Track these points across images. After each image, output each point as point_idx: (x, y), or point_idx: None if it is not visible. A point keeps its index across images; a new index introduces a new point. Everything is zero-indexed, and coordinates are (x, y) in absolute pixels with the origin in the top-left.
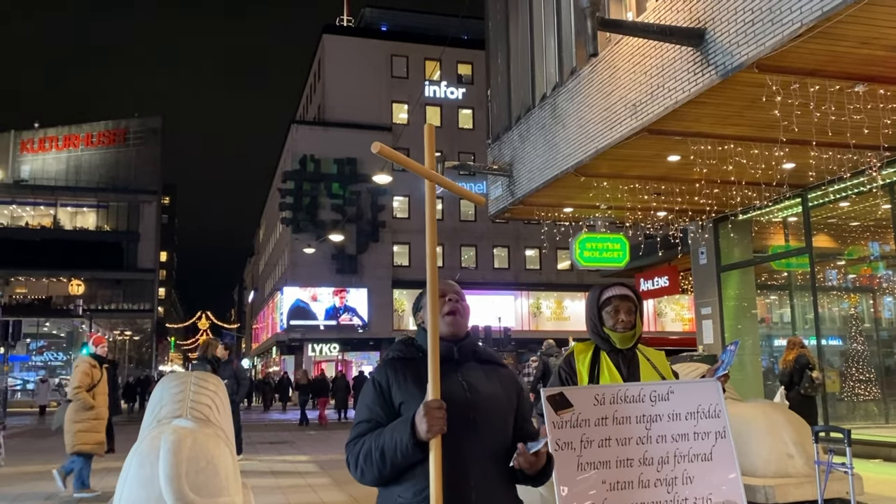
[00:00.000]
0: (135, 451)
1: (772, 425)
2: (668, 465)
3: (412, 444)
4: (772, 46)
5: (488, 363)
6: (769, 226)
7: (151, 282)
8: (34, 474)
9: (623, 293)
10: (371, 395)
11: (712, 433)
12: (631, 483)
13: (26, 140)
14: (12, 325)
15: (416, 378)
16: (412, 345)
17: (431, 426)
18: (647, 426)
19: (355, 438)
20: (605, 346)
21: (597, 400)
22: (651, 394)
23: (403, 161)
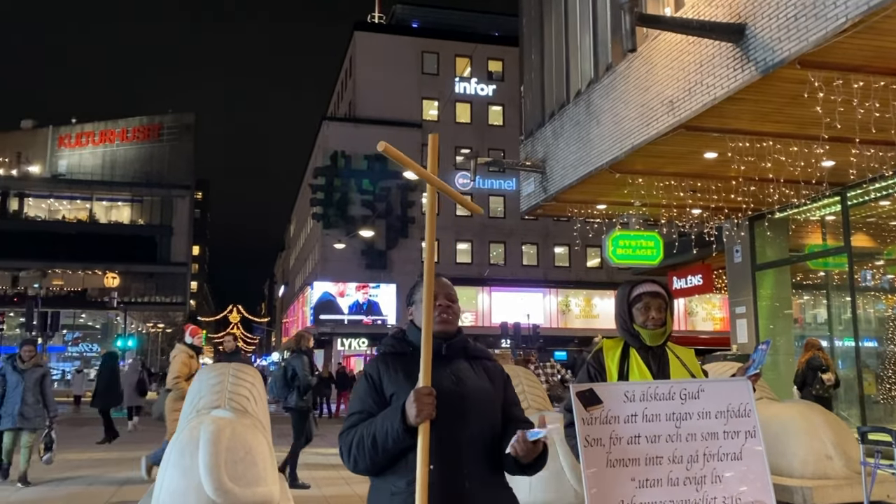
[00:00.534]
0: (175, 440)
1: (810, 426)
2: (698, 464)
3: (402, 430)
4: (815, 42)
5: (476, 358)
6: (807, 224)
7: (184, 275)
8: (97, 461)
9: (654, 290)
10: (364, 387)
11: (742, 432)
12: (660, 481)
13: (64, 135)
14: (50, 317)
15: (407, 372)
16: (403, 339)
17: (420, 411)
18: (677, 424)
19: (348, 429)
20: (634, 343)
21: (626, 397)
22: (681, 392)
23: (407, 163)
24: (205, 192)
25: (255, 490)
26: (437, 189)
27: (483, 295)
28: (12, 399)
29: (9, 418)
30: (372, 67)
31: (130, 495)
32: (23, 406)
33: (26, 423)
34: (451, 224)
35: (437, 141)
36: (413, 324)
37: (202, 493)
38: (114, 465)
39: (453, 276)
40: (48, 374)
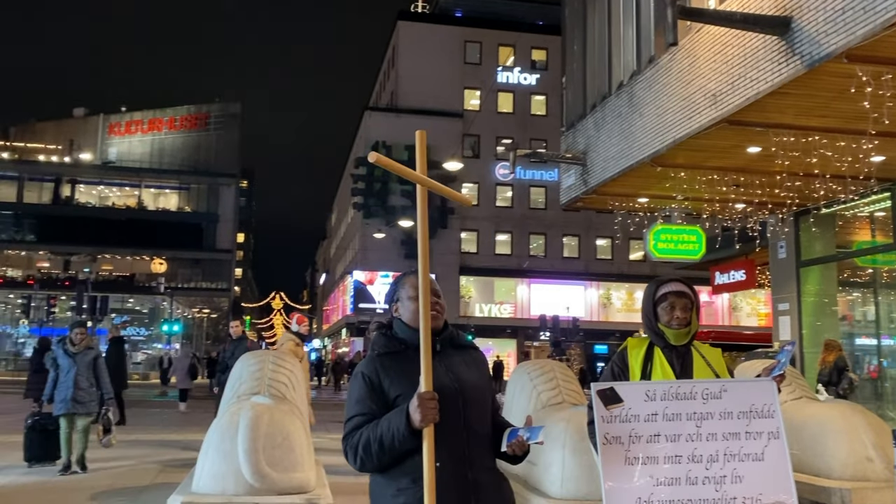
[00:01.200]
0: (216, 425)
1: (850, 426)
2: (718, 464)
3: (408, 433)
4: (863, 35)
5: (462, 348)
6: (854, 220)
7: (229, 262)
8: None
9: (680, 290)
10: (363, 389)
11: (765, 433)
12: (678, 479)
13: (114, 123)
14: (100, 301)
15: (406, 372)
16: (394, 337)
17: (425, 416)
18: (698, 424)
19: (352, 431)
20: (659, 342)
21: (647, 396)
22: (703, 391)
23: (397, 168)
24: (250, 181)
25: (292, 475)
26: (430, 189)
27: (522, 287)
28: (65, 384)
29: (62, 404)
30: (415, 57)
31: (174, 477)
32: (76, 391)
33: (80, 408)
34: (491, 215)
35: (424, 138)
36: (401, 321)
37: (241, 476)
38: (158, 446)
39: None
40: (101, 356)
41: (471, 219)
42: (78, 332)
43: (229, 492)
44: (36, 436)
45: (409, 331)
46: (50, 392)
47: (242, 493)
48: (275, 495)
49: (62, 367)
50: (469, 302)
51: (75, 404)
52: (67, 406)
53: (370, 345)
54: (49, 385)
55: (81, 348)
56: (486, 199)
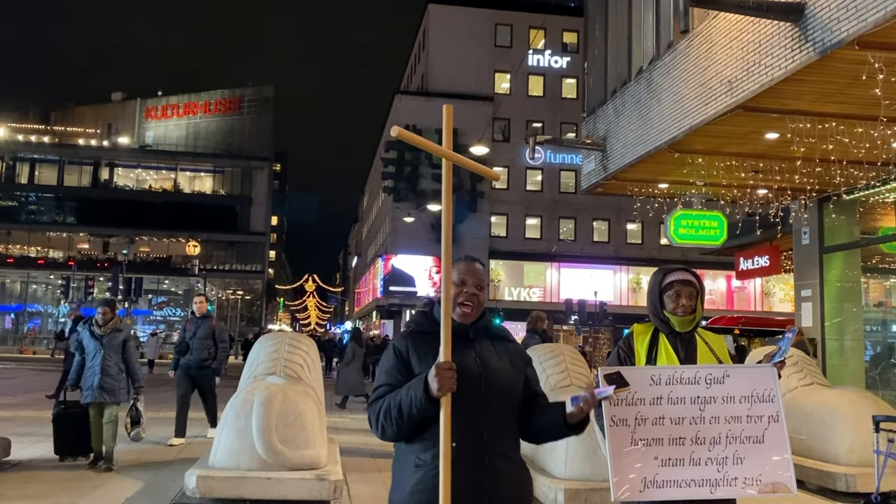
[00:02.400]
0: (231, 403)
1: (857, 413)
2: (720, 446)
3: (425, 399)
4: (874, 22)
5: (498, 339)
6: (879, 206)
7: (263, 244)
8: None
9: (685, 278)
10: (392, 361)
11: (765, 417)
12: (682, 461)
13: (150, 108)
14: (134, 282)
15: (433, 352)
16: (431, 318)
17: (442, 384)
18: (701, 407)
19: (376, 399)
20: (664, 329)
21: (653, 380)
22: (707, 376)
23: (421, 142)
24: (283, 164)
25: (304, 452)
26: (455, 162)
27: (551, 271)
28: (91, 369)
29: (89, 392)
30: (445, 40)
31: (196, 451)
32: (103, 377)
33: (108, 397)
34: (520, 199)
35: (451, 113)
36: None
37: (255, 453)
38: None
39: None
40: (131, 339)
41: (501, 203)
42: (104, 312)
43: (243, 467)
44: (65, 427)
45: None
46: (76, 378)
47: (256, 469)
48: (287, 470)
49: (88, 351)
50: (498, 286)
51: (102, 392)
52: (94, 394)
53: (409, 321)
54: (74, 369)
55: (108, 329)
56: (517, 183)
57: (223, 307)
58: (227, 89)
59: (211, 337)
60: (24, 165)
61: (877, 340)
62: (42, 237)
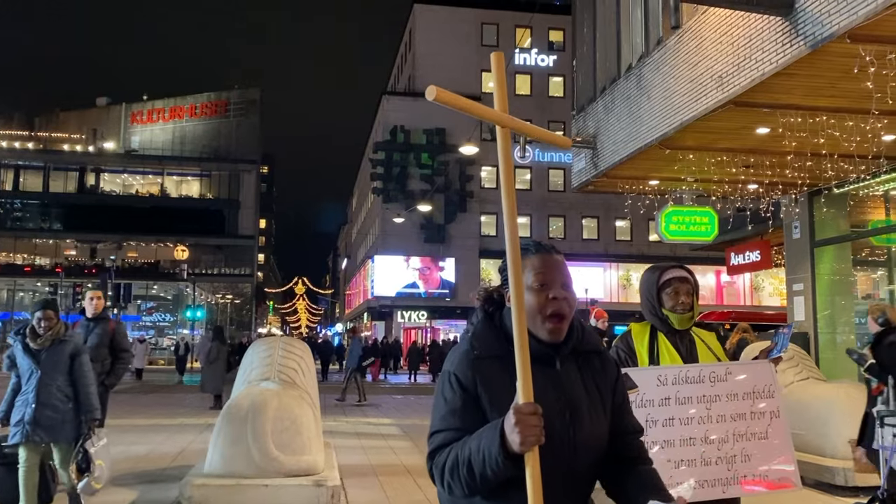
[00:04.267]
0: (226, 409)
1: (855, 407)
2: (728, 444)
3: (503, 458)
4: (865, 15)
5: (585, 354)
6: (868, 200)
7: (251, 248)
8: (163, 426)
9: (683, 275)
10: (454, 399)
11: (767, 413)
12: (694, 461)
13: (136, 112)
14: (123, 288)
15: (508, 383)
16: (499, 330)
17: (526, 437)
18: (708, 406)
19: (438, 449)
20: (662, 328)
21: (660, 381)
22: (710, 375)
23: (467, 106)
24: (270, 167)
25: (300, 458)
26: (514, 130)
27: None
28: (24, 397)
29: (17, 429)
30: (431, 40)
31: (191, 458)
32: (39, 408)
33: (46, 436)
34: None
35: (502, 62)
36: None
37: (250, 459)
38: (177, 430)
39: None
40: (82, 353)
41: (490, 202)
42: (45, 318)
43: (239, 474)
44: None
45: None
46: (6, 408)
47: (252, 476)
48: (283, 477)
49: (21, 372)
50: (489, 285)
51: (37, 429)
52: (24, 431)
53: (470, 335)
54: (6, 397)
55: (47, 341)
56: None
57: (213, 311)
58: (213, 92)
59: (107, 345)
60: (9, 172)
61: (869, 333)
62: (28, 244)
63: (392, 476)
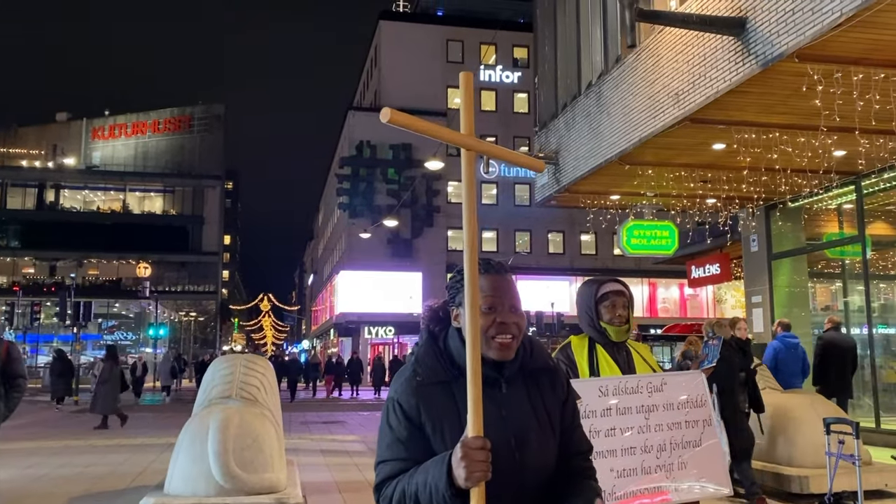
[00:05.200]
0: (186, 428)
1: (809, 416)
2: (666, 452)
3: (451, 494)
4: (812, 36)
5: (533, 372)
6: (822, 213)
7: (215, 264)
8: (123, 446)
9: (619, 289)
10: (398, 428)
11: (700, 421)
12: (635, 470)
13: (97, 127)
14: (83, 307)
15: (455, 411)
16: (447, 358)
17: (472, 472)
18: (646, 416)
19: (384, 481)
20: (600, 340)
21: (601, 392)
22: (647, 385)
23: (424, 128)
24: (235, 182)
25: (262, 476)
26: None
27: None
28: None
29: None
30: (397, 56)
31: (151, 478)
32: None
33: None
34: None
35: (470, 82)
36: (459, 334)
37: (211, 478)
38: (137, 450)
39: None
40: None
41: (457, 217)
42: None
43: (200, 493)
44: None
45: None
46: None
47: (213, 495)
48: (245, 495)
49: None
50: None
51: None
52: None
53: (413, 361)
54: None
55: None
56: None
57: (176, 329)
58: (176, 108)
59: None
60: None
61: None
62: None
63: (356, 493)
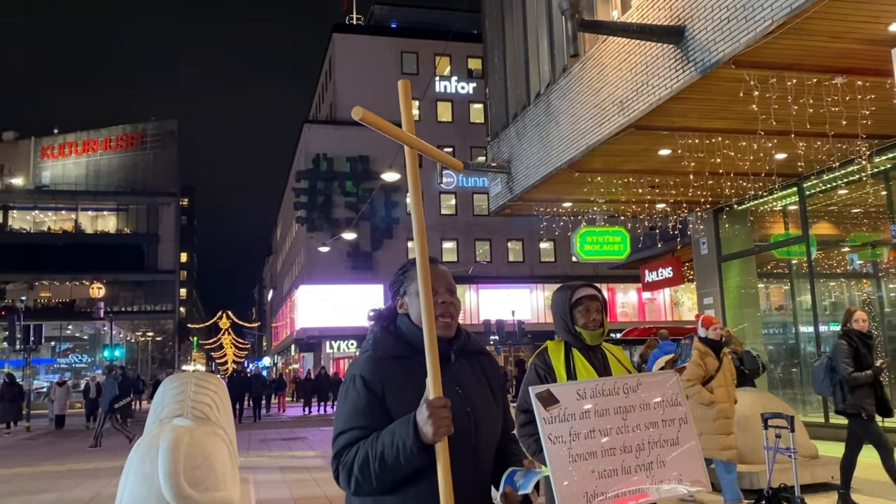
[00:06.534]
0: (136, 449)
1: (756, 413)
2: (644, 452)
3: (417, 448)
4: (746, 43)
5: (474, 354)
6: (768, 215)
7: (172, 283)
8: (75, 471)
9: (592, 293)
10: (361, 399)
11: (676, 419)
12: (616, 471)
13: (46, 146)
14: (34, 330)
15: (414, 384)
16: (399, 337)
17: (438, 427)
18: (624, 416)
19: (345, 447)
20: (576, 344)
21: (579, 395)
22: (623, 386)
23: (384, 127)
24: (190, 199)
25: (214, 495)
26: (419, 150)
27: (470, 293)
28: None
29: None
30: (351, 69)
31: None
32: None
33: None
34: (435, 223)
35: (408, 89)
36: (408, 318)
37: (162, 499)
38: (90, 475)
39: None
40: None
41: None
42: None
43: None
44: None
45: (419, 332)
46: None
47: None
48: None
49: None
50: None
51: None
52: None
53: (370, 342)
54: None
55: None
56: (431, 208)
57: (133, 350)
58: (128, 125)
59: None
60: None
61: (776, 342)
62: None
63: None
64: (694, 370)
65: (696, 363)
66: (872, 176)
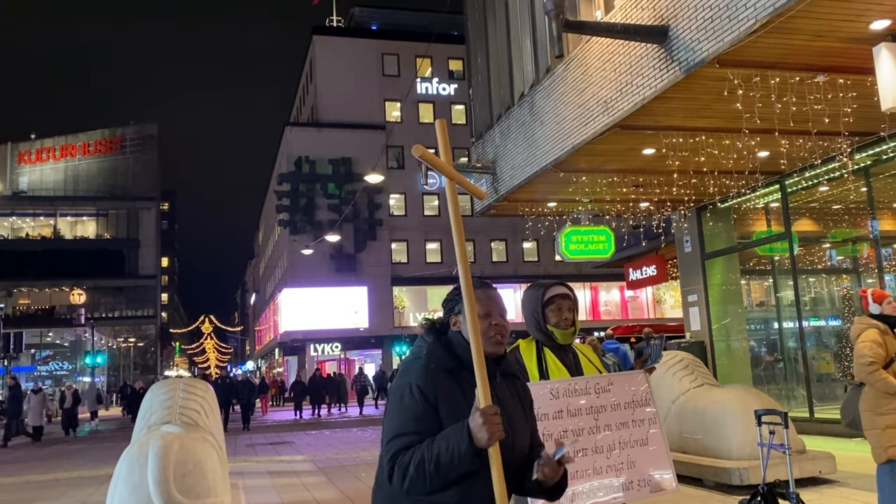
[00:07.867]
0: (125, 457)
1: (745, 409)
2: (615, 452)
3: (472, 453)
4: (730, 42)
5: (510, 376)
6: (751, 212)
7: (153, 288)
8: (61, 480)
9: (565, 292)
10: (418, 406)
11: (646, 420)
12: (587, 472)
13: (23, 151)
14: (13, 338)
15: (465, 395)
16: (450, 350)
17: (493, 433)
18: (595, 417)
19: (402, 450)
20: (547, 343)
21: (552, 395)
22: (595, 386)
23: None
24: (171, 203)
25: (205, 501)
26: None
27: None
28: None
29: None
30: (332, 71)
31: None
32: None
33: None
34: (419, 224)
35: (445, 128)
36: (461, 335)
37: None
38: (74, 484)
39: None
40: None
41: (399, 229)
42: None
43: None
44: None
45: (469, 347)
46: None
47: None
48: None
49: None
50: (403, 312)
51: None
52: None
53: (425, 352)
54: None
55: None
56: (414, 209)
57: (115, 356)
58: (107, 129)
59: None
60: None
61: (760, 339)
62: None
63: None
64: (875, 350)
65: (875, 341)
66: (853, 173)
